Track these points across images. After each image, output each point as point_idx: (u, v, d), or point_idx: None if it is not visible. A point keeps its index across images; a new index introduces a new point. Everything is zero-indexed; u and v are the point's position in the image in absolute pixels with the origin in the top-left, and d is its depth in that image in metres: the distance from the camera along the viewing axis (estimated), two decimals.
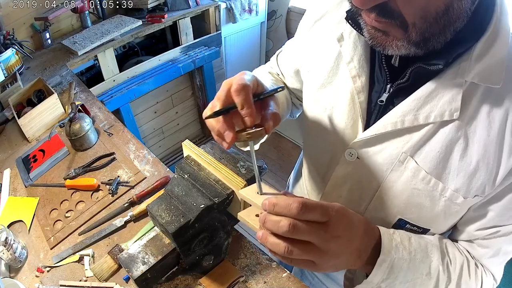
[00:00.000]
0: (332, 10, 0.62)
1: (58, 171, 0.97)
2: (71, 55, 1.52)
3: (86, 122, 1.01)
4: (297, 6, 2.19)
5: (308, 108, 0.67)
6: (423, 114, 0.49)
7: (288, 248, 0.41)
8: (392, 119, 0.52)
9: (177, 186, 0.61)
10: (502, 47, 0.45)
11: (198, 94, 2.19)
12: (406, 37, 0.43)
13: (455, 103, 0.47)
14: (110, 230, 0.80)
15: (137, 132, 1.94)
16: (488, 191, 0.50)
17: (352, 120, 0.58)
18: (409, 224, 0.58)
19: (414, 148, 0.52)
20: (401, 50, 0.45)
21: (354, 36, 0.56)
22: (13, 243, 0.73)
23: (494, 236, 0.54)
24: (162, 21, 1.71)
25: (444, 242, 0.56)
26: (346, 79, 0.58)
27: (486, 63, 0.45)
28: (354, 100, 0.57)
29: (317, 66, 0.64)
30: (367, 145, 0.57)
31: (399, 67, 0.52)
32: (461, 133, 0.49)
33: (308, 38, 0.67)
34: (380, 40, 0.45)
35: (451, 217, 0.55)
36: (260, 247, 0.71)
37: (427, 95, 0.49)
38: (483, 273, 0.56)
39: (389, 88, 0.54)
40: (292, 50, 0.75)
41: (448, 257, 0.53)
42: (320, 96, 0.63)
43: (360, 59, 0.56)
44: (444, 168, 0.51)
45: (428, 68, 0.47)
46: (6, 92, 1.25)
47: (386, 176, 0.56)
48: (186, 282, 0.68)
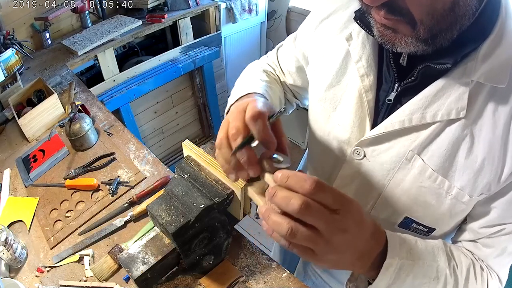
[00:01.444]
0: (340, 9, 0.63)
1: (58, 171, 0.98)
2: (71, 55, 1.52)
3: (86, 122, 1.01)
4: (297, 6, 2.19)
5: (315, 107, 0.68)
6: (431, 113, 0.50)
7: (292, 229, 0.37)
8: (400, 117, 0.53)
9: (177, 186, 0.61)
10: (507, 48, 0.46)
11: (198, 94, 2.19)
12: (415, 34, 0.44)
13: (461, 102, 0.48)
14: (110, 230, 0.80)
15: (137, 132, 1.94)
16: (494, 189, 0.50)
17: (360, 119, 0.59)
18: (415, 222, 0.58)
19: (421, 146, 0.53)
20: (409, 47, 0.46)
21: (362, 35, 0.57)
22: (13, 243, 0.73)
23: (498, 235, 0.54)
24: (162, 21, 1.71)
25: (449, 246, 0.55)
26: (355, 78, 0.58)
27: (491, 63, 0.46)
28: (362, 98, 0.57)
29: (324, 65, 0.64)
30: (374, 144, 0.57)
31: (407, 67, 0.53)
32: (467, 131, 0.49)
33: (315, 37, 0.67)
34: (389, 37, 0.46)
35: (456, 215, 0.55)
36: (260, 247, 0.70)
37: (434, 94, 0.50)
38: (488, 276, 0.55)
39: (397, 87, 0.55)
40: (295, 46, 0.75)
41: (454, 261, 0.53)
42: (328, 95, 0.63)
43: (369, 58, 0.56)
44: (450, 166, 0.51)
45: (436, 67, 0.48)
46: (6, 92, 1.25)
47: (393, 174, 0.56)
48: (186, 282, 0.68)
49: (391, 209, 0.59)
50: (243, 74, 0.81)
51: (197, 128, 2.38)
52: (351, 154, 0.60)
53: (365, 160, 0.59)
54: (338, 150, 0.64)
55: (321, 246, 0.39)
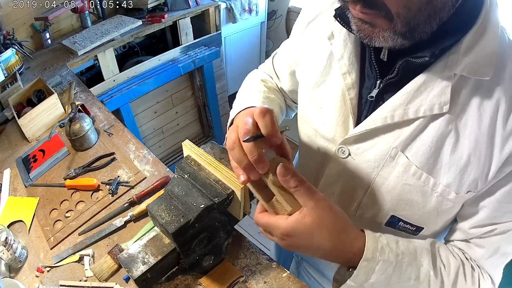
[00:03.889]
0: (326, 10, 0.63)
1: (58, 171, 0.98)
2: (71, 55, 1.52)
3: (86, 122, 1.01)
4: (297, 6, 2.18)
5: (302, 107, 0.68)
6: (413, 108, 0.50)
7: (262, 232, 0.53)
8: (382, 114, 0.52)
9: (177, 186, 0.61)
10: (492, 39, 0.45)
11: (198, 94, 2.19)
12: (392, 28, 0.43)
13: (444, 96, 0.47)
14: (110, 230, 0.80)
15: (137, 132, 1.94)
16: (481, 186, 0.50)
17: (343, 117, 0.58)
18: (402, 221, 0.58)
19: (405, 143, 0.52)
20: (388, 42, 0.45)
21: (344, 33, 0.57)
22: (13, 243, 0.73)
23: (490, 235, 0.53)
24: (162, 21, 1.71)
25: (437, 246, 0.55)
26: (337, 77, 0.58)
27: (475, 56, 0.45)
28: (345, 96, 0.57)
29: (311, 66, 0.64)
30: (358, 141, 0.57)
31: (388, 63, 0.52)
32: (452, 126, 0.49)
33: (303, 38, 0.67)
34: (367, 32, 0.45)
35: (444, 214, 0.55)
36: (260, 247, 0.71)
37: (416, 89, 0.49)
38: (480, 276, 0.54)
39: (379, 83, 0.54)
40: (287, 51, 0.76)
41: (441, 262, 0.52)
42: (314, 95, 0.64)
43: (350, 56, 0.56)
44: (435, 163, 0.51)
45: (415, 61, 0.47)
46: (6, 92, 1.25)
47: (378, 172, 0.56)
48: (186, 282, 0.68)
49: (377, 207, 0.59)
50: (243, 86, 0.82)
51: (197, 128, 2.38)
52: (336, 152, 0.60)
53: (350, 158, 0.59)
54: (324, 149, 0.64)
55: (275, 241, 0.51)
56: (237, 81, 2.28)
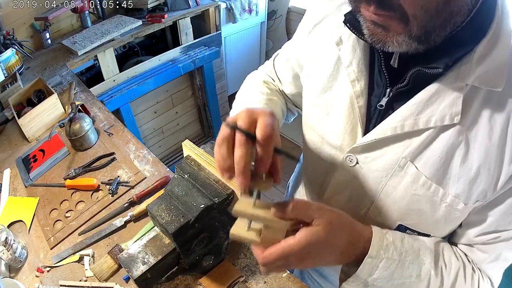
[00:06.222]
0: (332, 13, 0.61)
1: (58, 171, 0.98)
2: (71, 55, 1.52)
3: (86, 122, 1.01)
4: (297, 6, 2.19)
5: (308, 113, 0.67)
6: (423, 119, 0.49)
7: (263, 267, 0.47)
8: (391, 123, 0.51)
9: (177, 186, 0.61)
10: (504, 49, 0.44)
11: (198, 94, 2.19)
12: (407, 31, 0.41)
13: (455, 107, 0.46)
14: (110, 230, 0.80)
15: (137, 132, 1.94)
16: (489, 196, 0.49)
17: (351, 125, 0.57)
18: (409, 229, 0.57)
19: (414, 153, 0.51)
20: (402, 46, 0.43)
21: (353, 39, 0.55)
22: (13, 243, 0.73)
23: (494, 242, 0.53)
24: (162, 21, 1.71)
25: (441, 246, 0.55)
26: (346, 84, 0.57)
27: (487, 66, 0.44)
28: (353, 104, 0.56)
29: (317, 71, 0.63)
30: (366, 151, 0.56)
31: (398, 71, 0.51)
32: (462, 137, 0.48)
33: (308, 42, 0.66)
34: (380, 36, 0.43)
35: (451, 223, 0.54)
36: None
37: (427, 99, 0.48)
38: (480, 278, 0.54)
39: (388, 92, 0.53)
40: (290, 54, 0.74)
41: (443, 261, 0.52)
42: (320, 101, 0.62)
43: (359, 63, 0.55)
44: (444, 174, 0.50)
45: (427, 72, 0.46)
46: (6, 92, 1.25)
47: (386, 181, 0.55)
48: (186, 282, 0.68)
49: (385, 216, 0.58)
50: (243, 86, 0.80)
51: (197, 128, 2.38)
52: (343, 161, 0.59)
53: (358, 167, 0.58)
54: (331, 157, 0.62)
55: (292, 267, 0.49)
56: (237, 81, 2.29)
